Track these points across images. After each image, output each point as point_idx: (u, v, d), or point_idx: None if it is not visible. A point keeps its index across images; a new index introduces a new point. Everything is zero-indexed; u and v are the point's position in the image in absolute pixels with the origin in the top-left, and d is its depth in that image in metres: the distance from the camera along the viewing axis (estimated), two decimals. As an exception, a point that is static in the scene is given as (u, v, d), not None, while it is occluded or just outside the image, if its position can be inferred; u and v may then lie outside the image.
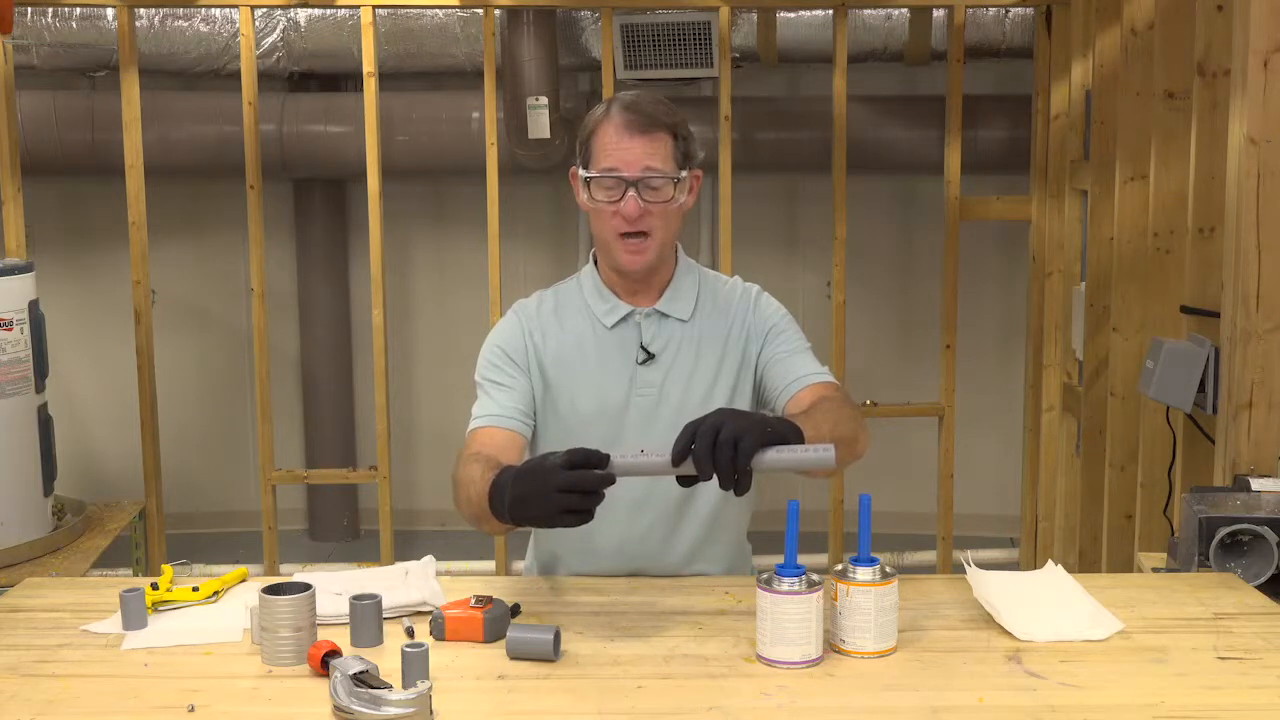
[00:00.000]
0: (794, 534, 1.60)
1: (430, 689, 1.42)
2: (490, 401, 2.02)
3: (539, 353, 2.05)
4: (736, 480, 1.58)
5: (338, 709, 1.43)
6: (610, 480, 1.60)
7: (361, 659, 1.49)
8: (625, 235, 1.96)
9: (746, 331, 2.07)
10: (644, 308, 2.05)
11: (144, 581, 1.83)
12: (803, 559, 1.61)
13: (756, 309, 2.09)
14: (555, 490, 1.58)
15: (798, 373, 2.04)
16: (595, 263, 2.10)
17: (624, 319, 2.05)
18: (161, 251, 4.70)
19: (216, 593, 1.84)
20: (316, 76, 4.99)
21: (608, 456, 1.62)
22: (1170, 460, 3.06)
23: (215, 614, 1.78)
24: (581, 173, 1.98)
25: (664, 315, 2.05)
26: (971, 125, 4.48)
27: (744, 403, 2.06)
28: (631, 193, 1.93)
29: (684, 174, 1.97)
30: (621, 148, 1.93)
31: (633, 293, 2.06)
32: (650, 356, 2.03)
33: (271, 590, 1.61)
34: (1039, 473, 4.44)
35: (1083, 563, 3.89)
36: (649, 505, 2.01)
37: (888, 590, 1.60)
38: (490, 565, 4.50)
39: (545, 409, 2.05)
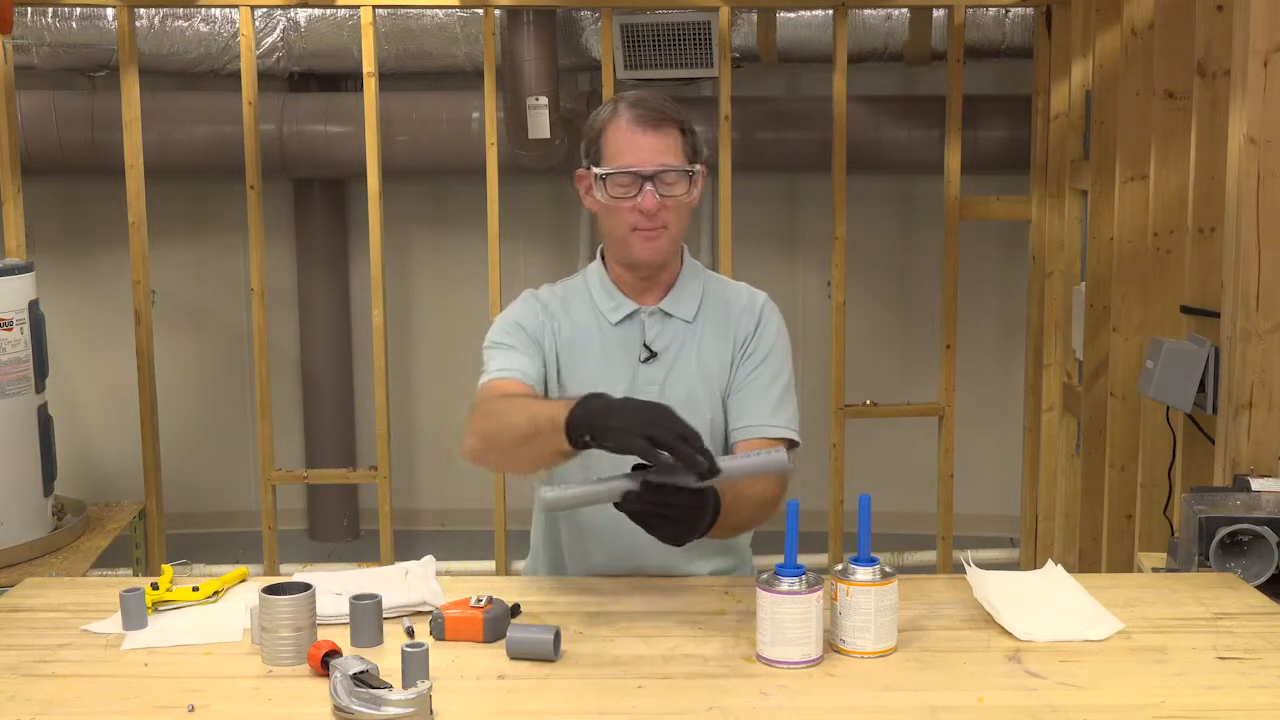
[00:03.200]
0: (794, 534, 1.61)
1: (430, 689, 1.42)
2: (505, 358, 1.99)
3: (555, 334, 2.05)
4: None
5: (338, 709, 1.43)
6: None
7: (361, 659, 1.49)
8: (640, 228, 1.96)
9: (744, 341, 2.06)
10: (649, 306, 2.05)
11: (144, 581, 1.83)
12: (803, 559, 1.61)
13: (760, 325, 2.07)
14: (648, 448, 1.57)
15: (758, 418, 2.02)
16: (602, 260, 2.11)
17: (628, 316, 2.05)
18: (161, 251, 4.70)
19: (216, 593, 1.84)
20: (316, 76, 4.99)
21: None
22: (1170, 460, 3.06)
23: (215, 614, 1.78)
24: (595, 170, 1.98)
25: (668, 315, 2.05)
26: (971, 125, 4.47)
27: None
28: (649, 187, 1.93)
29: (696, 167, 1.98)
30: (635, 144, 1.94)
31: (639, 291, 2.06)
32: (653, 355, 2.03)
33: (271, 590, 1.61)
34: (1039, 473, 4.44)
35: (1083, 563, 3.89)
36: None
37: (888, 590, 1.61)
38: (490, 565, 4.50)
39: (556, 392, 2.05)
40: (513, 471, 1.91)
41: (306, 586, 1.62)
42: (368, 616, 1.66)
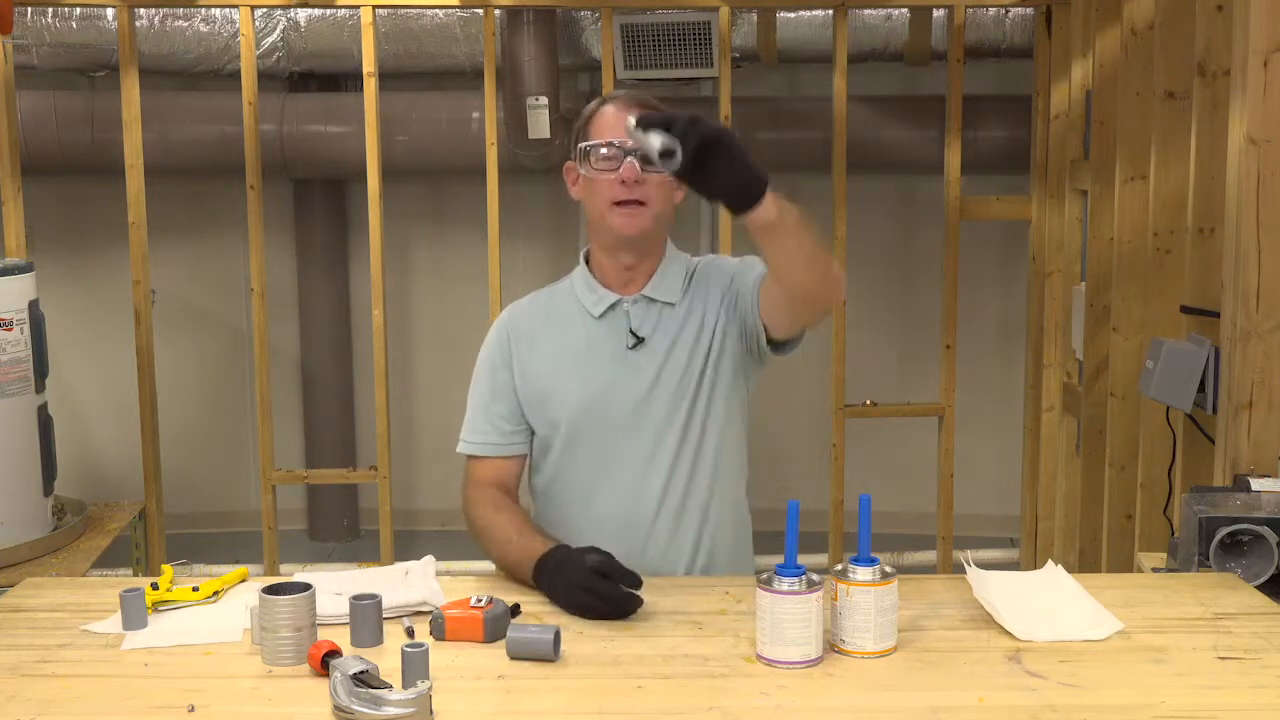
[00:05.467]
0: (794, 534, 1.61)
1: (430, 689, 1.42)
2: (481, 421, 2.11)
3: (524, 363, 2.10)
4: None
5: (338, 709, 1.43)
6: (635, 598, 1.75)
7: (361, 659, 1.49)
8: (621, 203, 1.99)
9: (720, 295, 2.08)
10: (631, 295, 2.07)
11: (144, 581, 1.83)
12: (803, 559, 1.61)
13: (720, 270, 2.11)
14: (581, 593, 1.75)
15: (759, 268, 2.04)
16: (586, 262, 2.14)
17: (611, 307, 2.07)
18: (161, 251, 4.70)
19: (216, 593, 1.84)
20: (316, 76, 4.99)
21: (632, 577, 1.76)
22: (1170, 460, 3.06)
23: (215, 614, 1.78)
24: (580, 145, 2.02)
25: (651, 300, 2.07)
26: (971, 125, 4.47)
27: (739, 360, 2.07)
28: (630, 159, 1.96)
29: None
30: (619, 123, 1.98)
31: (623, 282, 2.08)
32: (640, 340, 2.05)
33: (271, 590, 1.61)
34: (1039, 473, 4.44)
35: (1083, 563, 3.89)
36: (651, 471, 2.04)
37: (888, 590, 1.60)
38: (490, 565, 4.49)
39: (543, 411, 2.08)
40: None
41: (306, 586, 1.62)
42: (368, 616, 1.66)
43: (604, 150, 1.98)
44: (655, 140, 1.66)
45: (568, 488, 2.08)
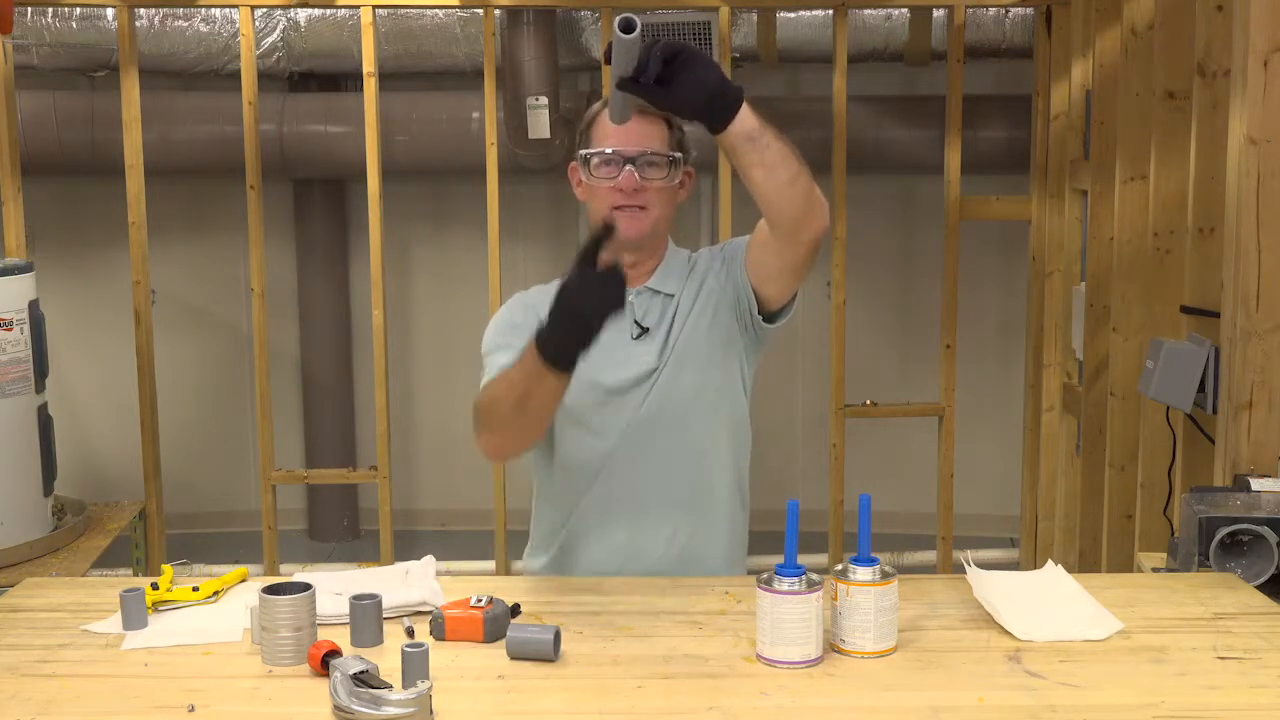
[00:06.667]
0: (794, 534, 1.61)
1: (430, 689, 1.42)
2: (503, 358, 2.04)
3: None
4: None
5: (338, 709, 1.43)
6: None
7: (361, 659, 1.49)
8: (623, 207, 2.01)
9: (712, 268, 2.11)
10: (635, 288, 2.08)
11: (144, 581, 1.83)
12: (803, 559, 1.61)
13: (712, 251, 2.15)
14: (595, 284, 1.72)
15: (745, 238, 2.08)
16: None
17: None
18: (161, 251, 4.70)
19: (216, 593, 1.84)
20: (316, 76, 4.99)
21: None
22: (1170, 460, 3.06)
23: (215, 614, 1.78)
24: (582, 152, 2.04)
25: (655, 291, 2.10)
26: (971, 125, 4.47)
27: (737, 339, 2.09)
28: (630, 168, 2.00)
29: (678, 154, 2.04)
30: (620, 129, 1.99)
31: (627, 279, 2.09)
32: (644, 330, 2.07)
33: (271, 590, 1.61)
34: (1039, 473, 4.44)
35: (1083, 563, 3.89)
36: (641, 452, 2.05)
37: (887, 590, 1.61)
38: (490, 565, 4.50)
39: None
40: (530, 436, 1.94)
41: (306, 586, 1.62)
42: (368, 616, 1.66)
43: (605, 154, 2.00)
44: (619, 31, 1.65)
45: (573, 473, 2.09)
